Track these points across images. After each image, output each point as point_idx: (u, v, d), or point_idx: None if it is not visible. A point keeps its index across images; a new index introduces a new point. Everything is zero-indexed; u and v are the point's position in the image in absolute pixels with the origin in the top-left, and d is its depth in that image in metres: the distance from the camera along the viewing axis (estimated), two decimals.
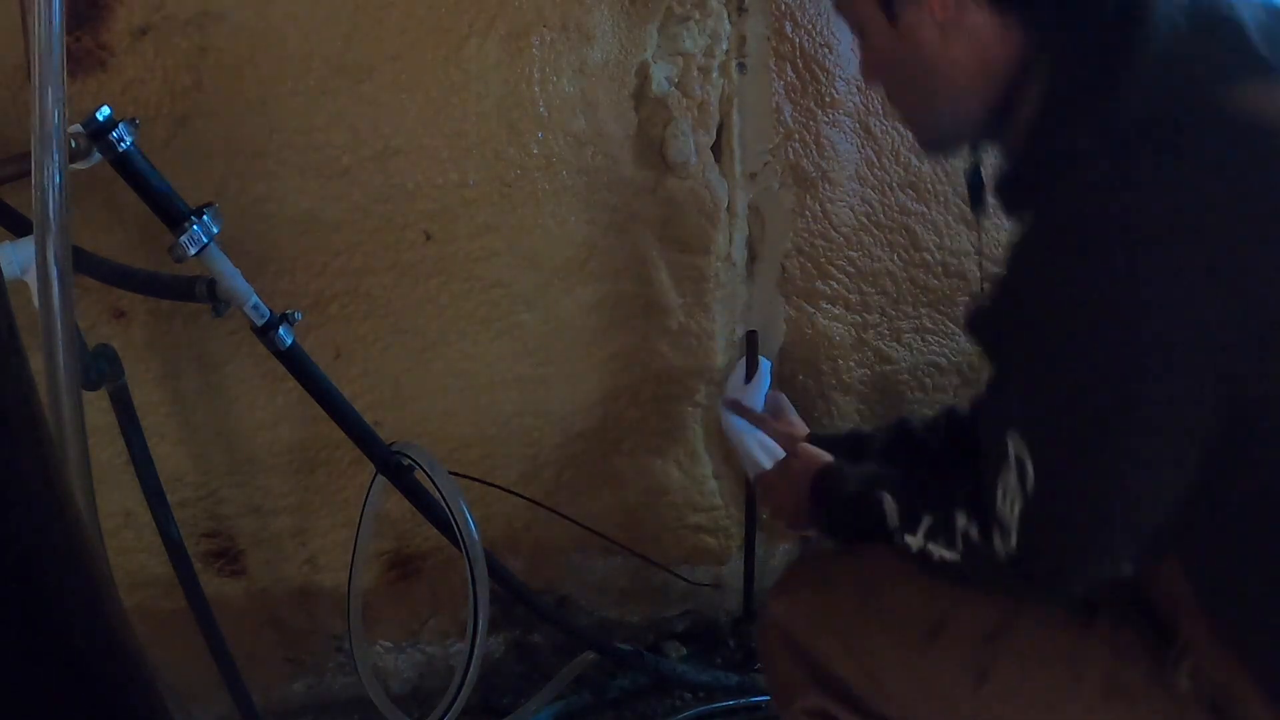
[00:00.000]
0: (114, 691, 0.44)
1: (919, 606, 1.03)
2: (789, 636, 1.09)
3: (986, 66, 0.91)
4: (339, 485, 1.54)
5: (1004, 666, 0.98)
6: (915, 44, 0.93)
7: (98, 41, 1.22)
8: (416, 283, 1.43)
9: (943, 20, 0.90)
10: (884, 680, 1.03)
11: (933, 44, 0.92)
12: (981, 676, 0.99)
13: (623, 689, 1.69)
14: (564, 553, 1.71)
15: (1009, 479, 0.86)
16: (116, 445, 1.34)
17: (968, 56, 0.91)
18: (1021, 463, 0.84)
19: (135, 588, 1.50)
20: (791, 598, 1.12)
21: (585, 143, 1.43)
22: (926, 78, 0.94)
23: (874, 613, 1.05)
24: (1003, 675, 0.98)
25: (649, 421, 1.63)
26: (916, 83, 0.96)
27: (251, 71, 1.28)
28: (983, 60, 0.91)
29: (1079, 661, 0.97)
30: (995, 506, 0.87)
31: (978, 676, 0.99)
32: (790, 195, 1.58)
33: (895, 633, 1.03)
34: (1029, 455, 0.84)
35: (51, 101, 0.91)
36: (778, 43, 1.50)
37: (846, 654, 1.05)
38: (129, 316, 1.36)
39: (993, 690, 0.98)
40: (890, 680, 1.03)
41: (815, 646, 1.07)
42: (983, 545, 0.90)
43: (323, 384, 1.28)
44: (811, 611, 1.09)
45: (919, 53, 0.93)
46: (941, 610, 1.02)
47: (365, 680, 1.47)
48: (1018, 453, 0.85)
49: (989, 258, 1.77)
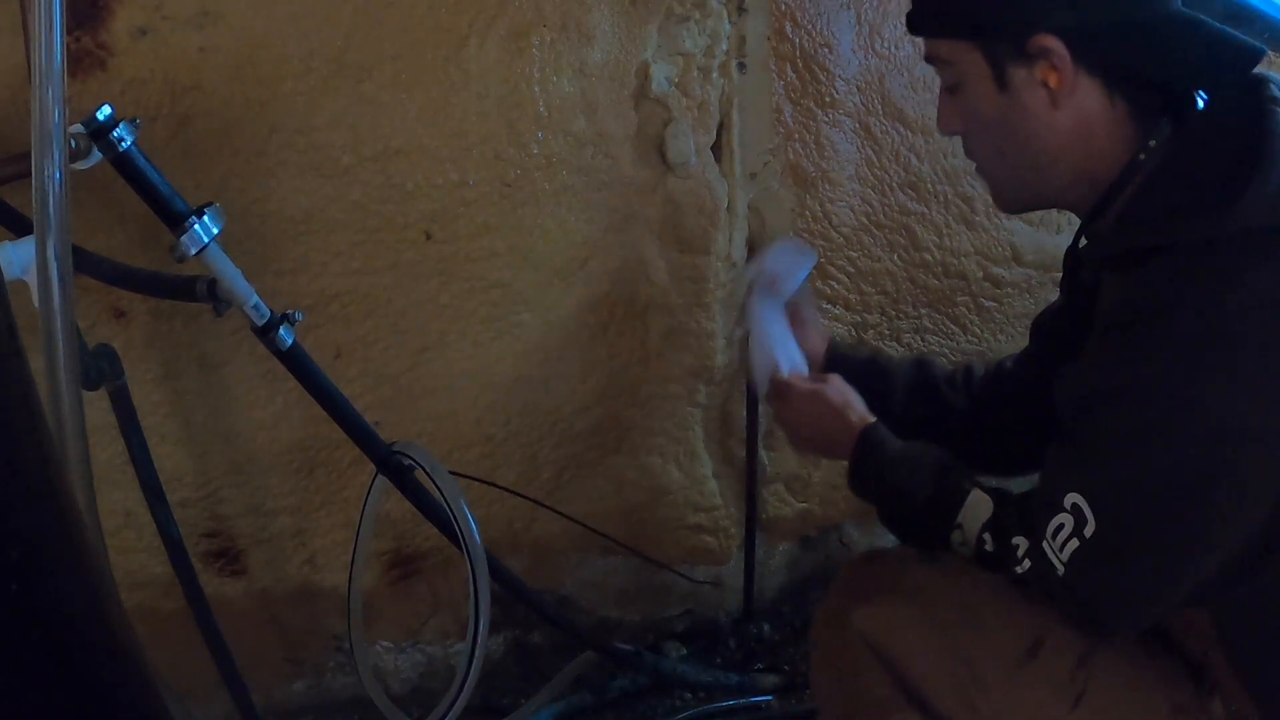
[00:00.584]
0: (114, 691, 0.44)
1: (1017, 622, 1.00)
2: (881, 650, 1.03)
3: (1089, 141, 0.93)
4: (339, 485, 1.54)
5: (1096, 688, 0.97)
6: (1024, 111, 0.93)
7: (98, 41, 1.22)
8: (416, 283, 1.43)
9: (1056, 89, 0.91)
10: (980, 700, 0.99)
11: (1042, 112, 0.92)
12: (1078, 698, 0.97)
13: (623, 689, 1.69)
14: (564, 553, 1.71)
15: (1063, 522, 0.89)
16: (116, 445, 1.34)
17: (1073, 128, 0.92)
18: (1081, 513, 0.87)
19: (135, 588, 1.50)
20: (883, 608, 1.05)
21: (585, 143, 1.43)
22: (1026, 143, 0.95)
23: (974, 627, 1.01)
24: (1095, 696, 0.97)
25: (649, 421, 1.63)
26: (1014, 146, 0.97)
27: (251, 71, 1.28)
28: (1088, 130, 0.92)
29: (1149, 686, 0.98)
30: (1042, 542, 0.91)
31: (1075, 697, 0.97)
32: (790, 195, 1.58)
33: (997, 650, 0.99)
34: (1092, 512, 0.87)
35: (51, 101, 0.91)
36: (778, 43, 1.50)
37: (945, 672, 1.00)
38: (129, 316, 1.36)
39: (1085, 711, 0.97)
40: (987, 700, 0.99)
41: (911, 661, 1.02)
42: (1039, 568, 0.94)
43: (323, 384, 1.28)
44: (908, 624, 1.03)
45: (1024, 119, 0.93)
46: (1039, 628, 0.99)
47: (365, 680, 1.47)
48: (1077, 503, 0.88)
49: (990, 258, 1.77)
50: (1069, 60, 0.89)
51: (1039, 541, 0.92)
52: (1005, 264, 1.78)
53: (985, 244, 1.75)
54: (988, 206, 1.73)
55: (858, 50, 1.56)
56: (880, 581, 1.09)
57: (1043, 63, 0.90)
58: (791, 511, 1.80)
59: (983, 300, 1.79)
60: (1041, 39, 0.89)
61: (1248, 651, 0.93)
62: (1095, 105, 0.91)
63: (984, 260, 1.76)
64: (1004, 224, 1.75)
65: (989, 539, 0.99)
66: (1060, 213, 1.81)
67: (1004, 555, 0.98)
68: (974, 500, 1.01)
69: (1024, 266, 1.80)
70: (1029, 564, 0.95)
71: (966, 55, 0.94)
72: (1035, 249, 1.80)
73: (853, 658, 1.05)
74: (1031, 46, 0.90)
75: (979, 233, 1.74)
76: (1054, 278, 1.85)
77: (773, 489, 1.78)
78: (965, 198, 1.71)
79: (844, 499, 1.79)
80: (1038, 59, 0.90)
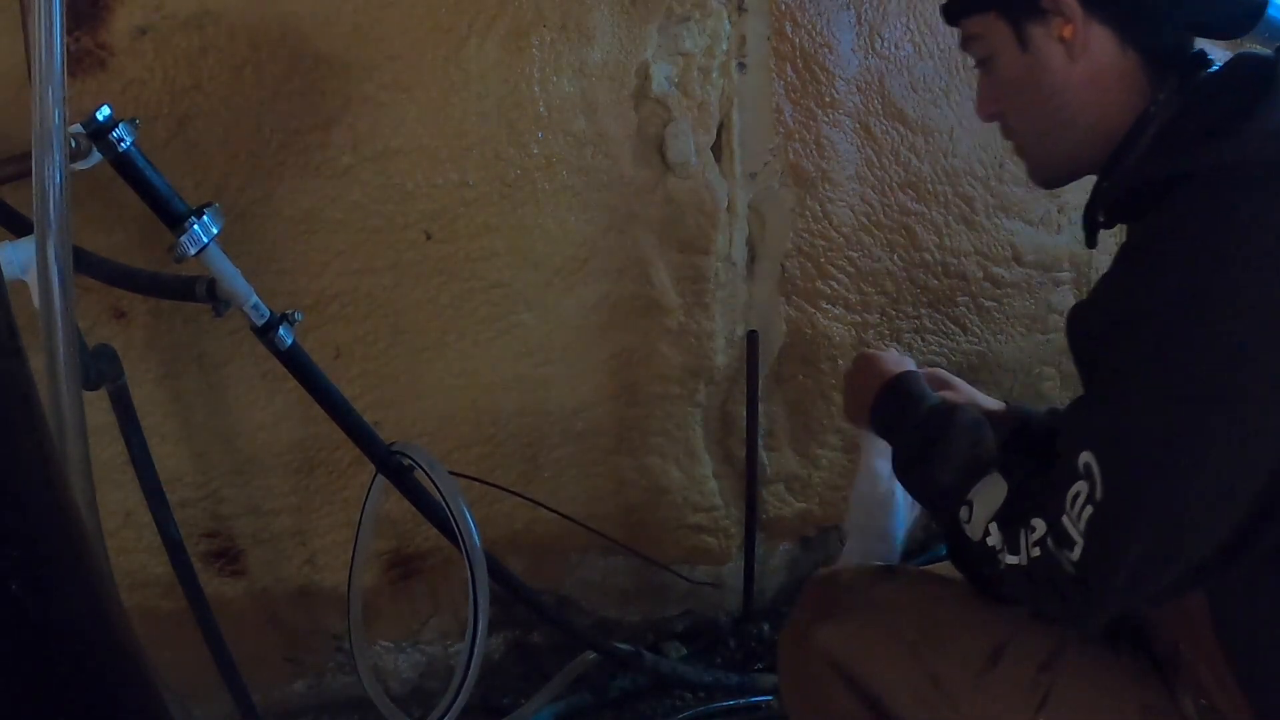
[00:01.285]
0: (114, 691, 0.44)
1: (979, 632, 1.01)
2: (843, 667, 1.04)
3: (1104, 93, 0.96)
4: (339, 485, 1.54)
5: (1060, 692, 0.98)
6: (1044, 67, 0.97)
7: (98, 41, 1.22)
8: (416, 283, 1.43)
9: (1069, 41, 0.95)
10: (945, 711, 1.00)
11: (1060, 67, 0.96)
12: (1042, 703, 0.98)
13: (623, 689, 1.69)
14: (564, 553, 1.71)
15: (1079, 489, 0.85)
16: (116, 445, 1.34)
17: (1090, 78, 0.96)
18: (1090, 471, 0.84)
19: (135, 588, 1.50)
20: (843, 625, 1.06)
21: (585, 143, 1.43)
22: (1049, 100, 0.98)
23: (936, 639, 1.01)
24: (1059, 701, 0.98)
25: (649, 421, 1.63)
26: (1038, 105, 1.00)
27: (251, 71, 1.28)
28: (1102, 82, 0.96)
29: (1117, 686, 0.98)
30: (1061, 517, 0.87)
31: (1039, 703, 0.98)
32: (790, 195, 1.58)
33: (959, 660, 1.00)
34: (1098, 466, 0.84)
35: (51, 101, 0.91)
36: (778, 43, 1.50)
37: (908, 686, 1.01)
38: (129, 316, 1.36)
39: (1050, 716, 0.98)
40: (952, 709, 1.00)
41: (874, 677, 1.03)
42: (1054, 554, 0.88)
43: (323, 384, 1.28)
44: (869, 640, 1.04)
45: (1045, 75, 0.97)
46: (1001, 635, 1.00)
47: (365, 680, 1.47)
48: (1087, 461, 0.85)
49: (990, 258, 1.77)
50: (1079, 11, 0.94)
51: (1058, 517, 0.87)
52: (1005, 264, 1.78)
53: (985, 244, 1.75)
54: (988, 206, 1.73)
55: (858, 50, 1.56)
56: (840, 599, 1.09)
57: (1057, 18, 0.95)
58: (791, 511, 1.80)
59: (983, 300, 1.79)
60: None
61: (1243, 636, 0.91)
62: (1108, 57, 0.95)
63: (984, 260, 1.76)
64: (1004, 224, 1.75)
65: (993, 530, 0.95)
66: (1061, 213, 1.81)
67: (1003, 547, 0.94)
68: (991, 482, 0.97)
69: (1024, 266, 1.80)
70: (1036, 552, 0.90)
71: (992, 25, 0.99)
72: (1035, 249, 1.80)
73: (817, 677, 1.06)
74: (1045, 2, 0.95)
75: (979, 233, 1.74)
76: (1054, 278, 1.85)
77: (773, 489, 1.78)
78: (965, 198, 1.71)
79: (844, 499, 1.79)
80: (1052, 14, 0.95)
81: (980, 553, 0.96)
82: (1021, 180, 1.73)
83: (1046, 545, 0.88)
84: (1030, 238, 1.78)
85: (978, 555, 0.96)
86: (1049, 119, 1.00)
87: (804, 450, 1.76)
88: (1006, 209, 1.74)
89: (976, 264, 1.76)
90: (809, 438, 1.75)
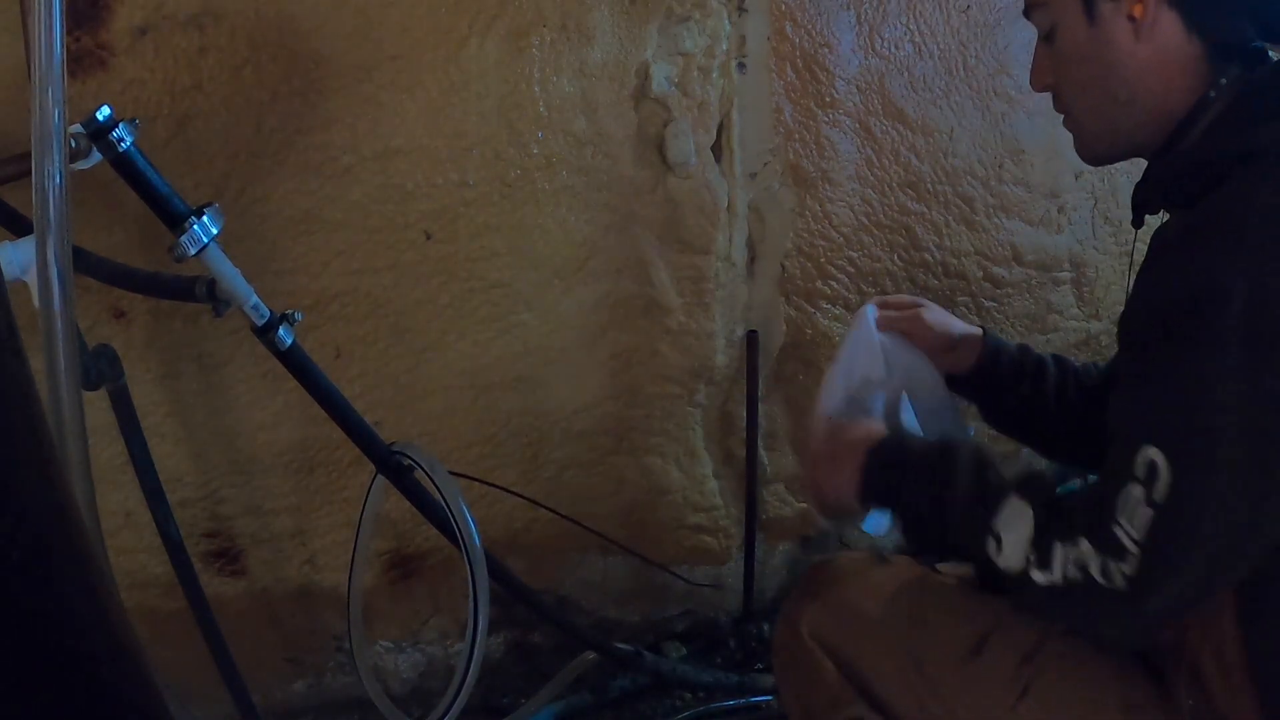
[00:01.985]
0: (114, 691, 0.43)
1: (964, 621, 1.03)
2: (830, 646, 1.07)
3: (1166, 76, 0.96)
4: (339, 485, 1.54)
5: (1042, 684, 0.99)
6: (1109, 43, 0.97)
7: (98, 41, 1.22)
8: (416, 283, 1.43)
9: (1140, 20, 0.95)
10: (926, 694, 1.02)
11: (1125, 44, 0.96)
12: (1023, 693, 0.99)
13: (623, 689, 1.69)
14: (564, 553, 1.71)
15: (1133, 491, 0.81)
16: (116, 445, 1.34)
17: (1154, 59, 0.96)
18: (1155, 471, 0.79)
19: (135, 588, 1.50)
20: (831, 607, 1.08)
21: (585, 143, 1.43)
22: (1109, 75, 0.98)
23: (921, 625, 1.04)
24: (1041, 692, 0.99)
25: (649, 421, 1.63)
26: (1098, 79, 1.00)
27: (251, 71, 1.28)
28: (1165, 65, 0.96)
29: (1099, 682, 0.98)
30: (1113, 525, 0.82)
31: (1020, 693, 0.99)
32: (790, 195, 1.58)
33: (943, 646, 1.02)
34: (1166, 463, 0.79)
35: (51, 101, 0.91)
36: (778, 43, 1.50)
37: (893, 667, 1.03)
38: (129, 316, 1.36)
39: (1030, 707, 0.99)
40: (934, 694, 1.02)
41: (860, 657, 1.05)
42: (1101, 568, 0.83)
43: (323, 384, 1.28)
44: (856, 621, 1.06)
45: (1111, 52, 0.97)
46: (985, 626, 1.02)
47: (365, 680, 1.47)
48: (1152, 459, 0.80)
49: (990, 258, 1.77)
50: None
51: (1108, 526, 0.81)
52: (1005, 264, 1.78)
53: (985, 244, 1.75)
54: (988, 206, 1.73)
55: (858, 50, 1.56)
56: (833, 582, 1.11)
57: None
58: (791, 511, 1.80)
59: (983, 300, 1.79)
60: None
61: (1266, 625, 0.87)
62: (1174, 40, 0.95)
63: (984, 260, 1.76)
64: (1004, 224, 1.75)
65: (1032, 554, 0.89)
66: (1061, 213, 1.81)
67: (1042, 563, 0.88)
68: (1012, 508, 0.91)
69: (1024, 266, 1.80)
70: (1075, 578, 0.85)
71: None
72: (1035, 249, 1.80)
73: (806, 655, 1.08)
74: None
75: (979, 233, 1.74)
76: (1054, 278, 1.85)
77: (773, 489, 1.78)
78: (965, 198, 1.71)
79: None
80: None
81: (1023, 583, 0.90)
82: (1021, 180, 1.73)
83: (1088, 561, 0.83)
84: (1030, 238, 1.78)
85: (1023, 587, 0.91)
86: (1108, 95, 0.99)
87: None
88: (1006, 209, 1.74)
89: (976, 264, 1.76)
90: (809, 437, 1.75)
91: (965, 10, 1.61)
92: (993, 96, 1.66)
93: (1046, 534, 0.88)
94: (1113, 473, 0.83)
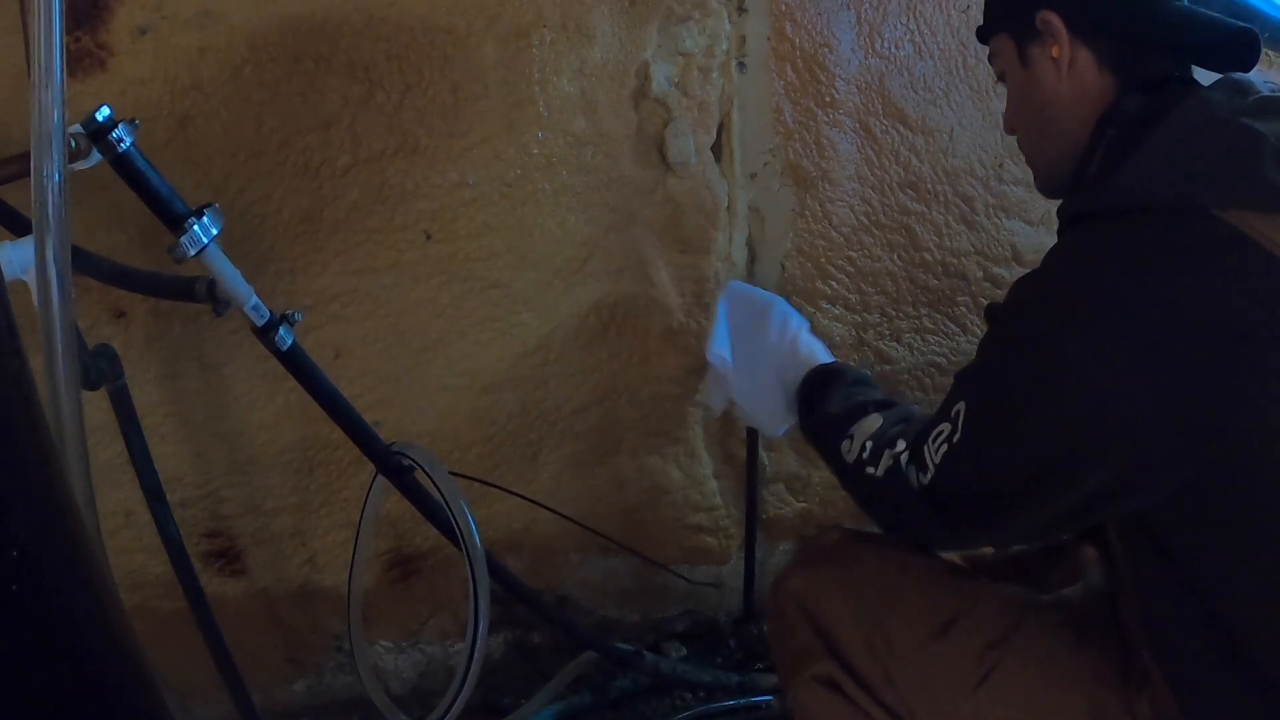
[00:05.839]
0: (114, 691, 0.44)
1: (935, 602, 1.09)
2: (807, 608, 1.15)
3: (1083, 109, 1.03)
4: (339, 485, 1.54)
5: (1004, 673, 1.02)
6: (1038, 82, 1.05)
7: (98, 41, 1.22)
8: (416, 283, 1.43)
9: (1057, 59, 1.02)
10: (891, 667, 1.07)
11: (1050, 83, 1.04)
12: (983, 679, 1.02)
13: (623, 689, 1.69)
14: (564, 553, 1.71)
15: (944, 429, 0.98)
16: (116, 445, 1.34)
17: (1073, 98, 1.03)
18: (958, 418, 0.97)
19: (135, 588, 1.50)
20: (813, 573, 1.18)
21: (585, 143, 1.43)
22: (1040, 112, 1.06)
23: (893, 600, 1.10)
24: (1001, 681, 1.02)
25: (649, 421, 1.63)
26: (1032, 118, 1.08)
27: (251, 71, 1.28)
28: (1082, 102, 1.03)
29: (1067, 683, 1.01)
30: (924, 446, 1.00)
31: (980, 679, 1.02)
32: (790, 195, 1.58)
33: (911, 623, 1.08)
34: (964, 416, 0.96)
35: (51, 101, 0.91)
36: (778, 43, 1.50)
37: (861, 635, 1.10)
38: (129, 316, 1.36)
39: (990, 694, 1.02)
40: (897, 668, 1.06)
41: (832, 621, 1.12)
42: (905, 471, 1.02)
43: (323, 384, 1.28)
44: (832, 588, 1.14)
45: (1039, 90, 1.05)
46: (955, 608, 1.08)
47: (365, 680, 1.47)
48: (959, 410, 0.97)
49: (990, 258, 1.77)
50: (1065, 33, 1.01)
51: (921, 446, 1.00)
52: (1005, 264, 1.78)
53: (985, 244, 1.75)
54: (988, 206, 1.73)
55: (858, 50, 1.56)
56: (821, 553, 1.21)
57: (1049, 38, 1.02)
58: (791, 511, 1.80)
59: (983, 300, 1.79)
60: (1044, 15, 1.02)
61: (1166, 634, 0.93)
62: (1089, 76, 1.02)
63: (984, 260, 1.76)
64: (1004, 224, 1.75)
65: (868, 446, 1.09)
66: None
67: (873, 458, 1.07)
68: (869, 418, 1.13)
69: (1024, 266, 1.80)
70: (889, 466, 1.04)
71: (1004, 45, 1.09)
72: (1035, 249, 1.80)
73: (787, 614, 1.17)
74: (1038, 22, 1.03)
75: (979, 233, 1.74)
76: None
77: (773, 489, 1.78)
78: (965, 198, 1.71)
79: (843, 499, 1.77)
80: (1044, 34, 1.03)
81: (855, 473, 1.09)
82: (1021, 180, 1.73)
83: (901, 462, 1.03)
84: (1030, 238, 1.78)
85: (854, 476, 1.10)
86: (1042, 131, 1.08)
87: (804, 450, 1.76)
88: (1006, 209, 1.74)
89: (976, 264, 1.76)
90: None
91: (965, 10, 1.61)
92: (993, 96, 1.66)
93: (882, 440, 1.08)
94: (941, 409, 1.00)
